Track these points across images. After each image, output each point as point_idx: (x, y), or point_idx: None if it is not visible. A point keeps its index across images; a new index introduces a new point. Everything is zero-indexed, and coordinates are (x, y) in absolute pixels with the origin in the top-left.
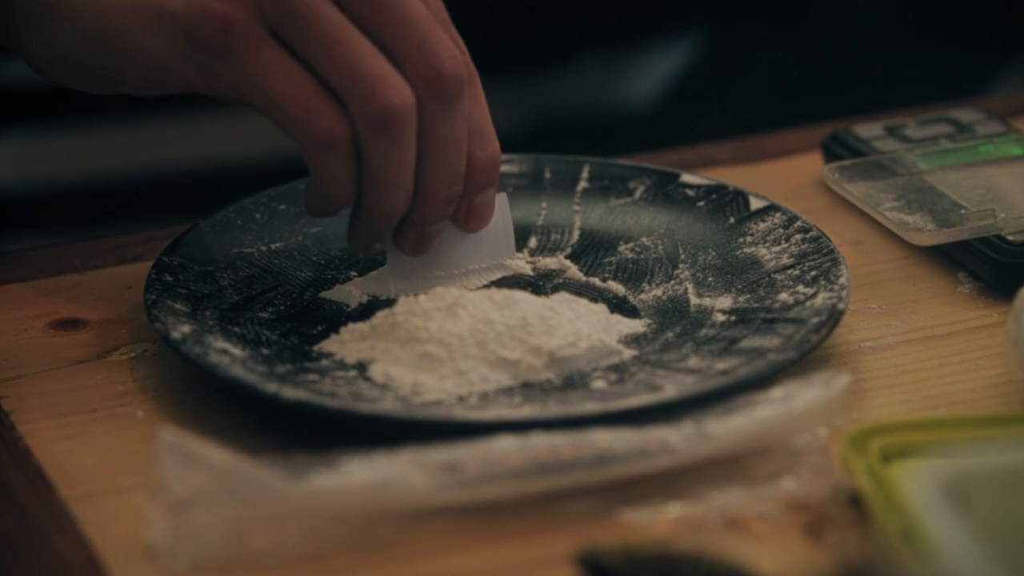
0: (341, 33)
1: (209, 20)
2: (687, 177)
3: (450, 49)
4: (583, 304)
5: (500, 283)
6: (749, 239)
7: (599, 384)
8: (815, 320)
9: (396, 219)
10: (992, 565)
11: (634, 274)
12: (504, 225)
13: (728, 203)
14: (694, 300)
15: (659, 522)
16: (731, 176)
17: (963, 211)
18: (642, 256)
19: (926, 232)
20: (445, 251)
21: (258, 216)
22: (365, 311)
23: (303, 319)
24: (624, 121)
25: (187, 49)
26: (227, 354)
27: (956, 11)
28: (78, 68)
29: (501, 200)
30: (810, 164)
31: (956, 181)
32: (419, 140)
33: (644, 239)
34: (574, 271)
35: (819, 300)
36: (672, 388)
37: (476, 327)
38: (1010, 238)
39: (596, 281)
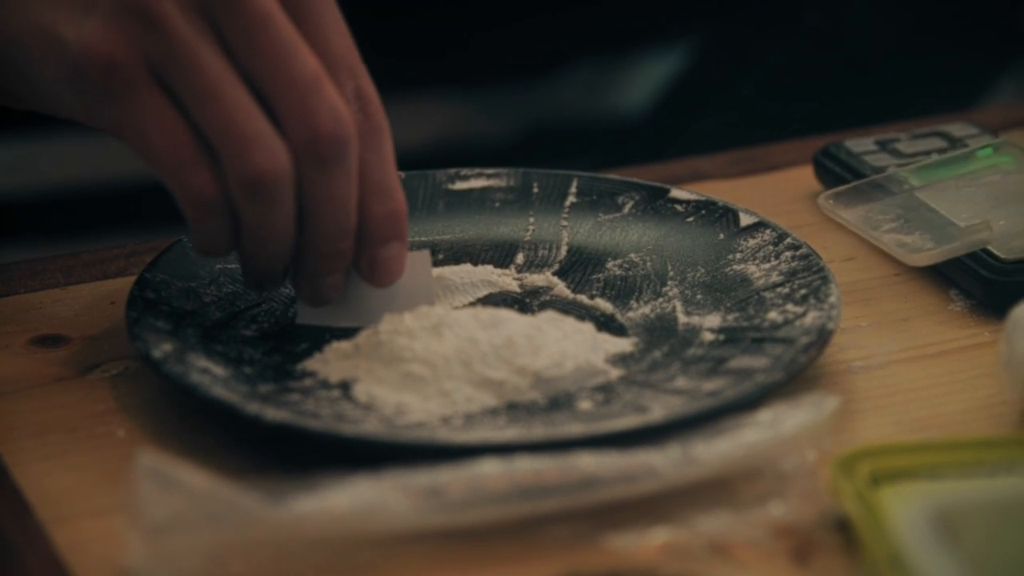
0: (221, 87)
1: (93, 58)
2: (676, 192)
3: (333, 110)
4: (570, 323)
5: (486, 300)
6: (738, 256)
7: (585, 405)
8: (804, 340)
9: (279, 269)
10: None
11: (622, 291)
12: (424, 283)
13: (718, 219)
14: (682, 318)
15: (644, 547)
16: (722, 190)
17: (955, 228)
18: (630, 273)
19: (924, 253)
20: (354, 304)
21: None
22: (349, 329)
23: (286, 337)
24: (615, 129)
25: (73, 82)
26: (209, 373)
27: (950, 20)
28: None
29: (422, 257)
30: (802, 178)
31: (949, 196)
32: (300, 198)
33: (632, 255)
34: (561, 288)
35: (808, 319)
36: (659, 410)
37: (461, 347)
38: (1002, 255)
39: (584, 299)
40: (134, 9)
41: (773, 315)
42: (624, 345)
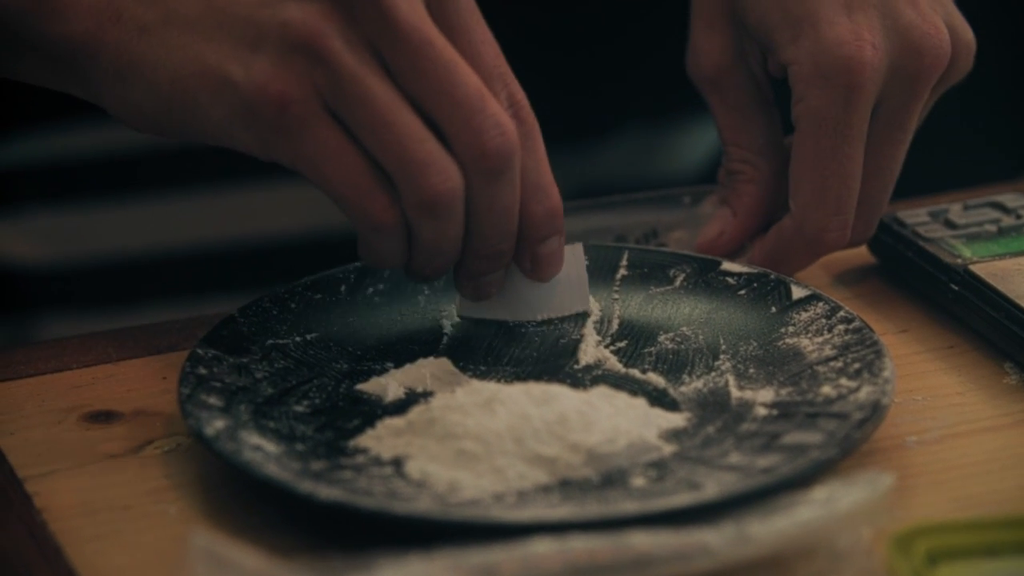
0: (391, 116)
1: (267, 98)
2: (728, 265)
3: (498, 125)
4: (622, 398)
5: (538, 377)
6: (791, 329)
7: (639, 482)
8: (858, 415)
9: (445, 270)
10: None
11: (674, 365)
12: (577, 275)
13: (769, 292)
14: (735, 393)
15: None
16: None
17: None
18: (682, 346)
19: None
20: (512, 298)
21: (293, 306)
22: (402, 405)
23: (338, 413)
24: None
25: (247, 120)
26: (261, 451)
27: (997, 89)
28: (154, 122)
29: (576, 250)
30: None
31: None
32: (467, 207)
33: (684, 329)
34: (613, 362)
35: (863, 394)
36: (713, 487)
37: (513, 423)
38: None
39: (636, 373)
40: (302, 47)
41: (827, 390)
42: (677, 420)
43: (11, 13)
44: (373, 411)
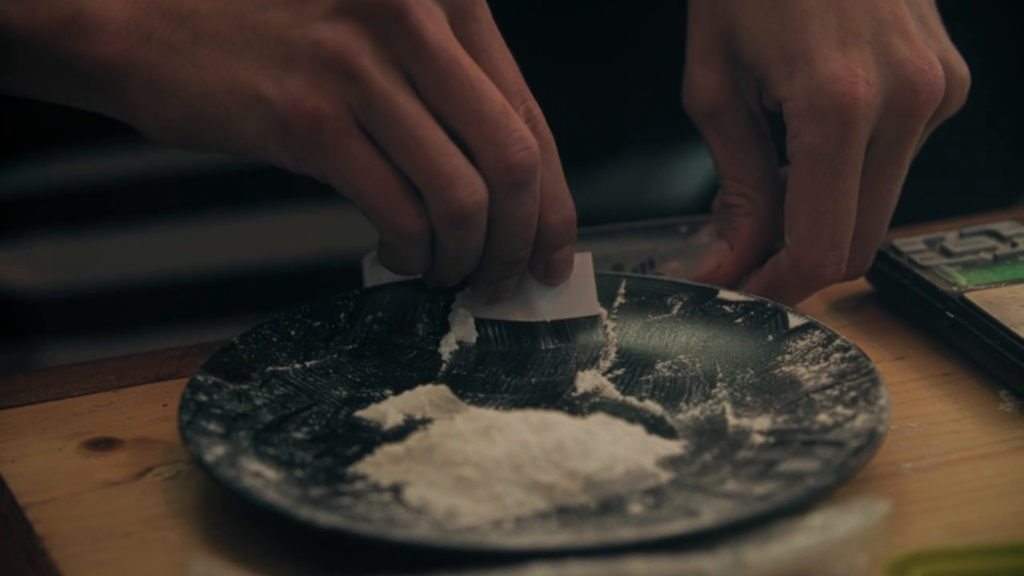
0: (419, 131)
1: (301, 114)
2: (725, 293)
3: (522, 140)
4: (620, 426)
5: (536, 404)
6: (788, 357)
7: (636, 509)
8: (855, 443)
9: (462, 278)
10: None
11: (671, 393)
12: (586, 281)
13: (766, 320)
14: (732, 420)
15: None
16: None
17: None
18: (679, 374)
19: None
20: (524, 299)
21: (293, 333)
22: (400, 432)
23: (338, 440)
24: None
25: (279, 136)
26: (261, 477)
27: (995, 117)
28: (186, 138)
29: (584, 259)
30: None
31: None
32: (490, 217)
33: (681, 356)
34: (611, 390)
35: (859, 422)
36: (710, 514)
37: (512, 450)
38: None
39: (633, 400)
40: (335, 66)
41: (823, 417)
42: (674, 448)
43: (42, 36)
44: (372, 438)
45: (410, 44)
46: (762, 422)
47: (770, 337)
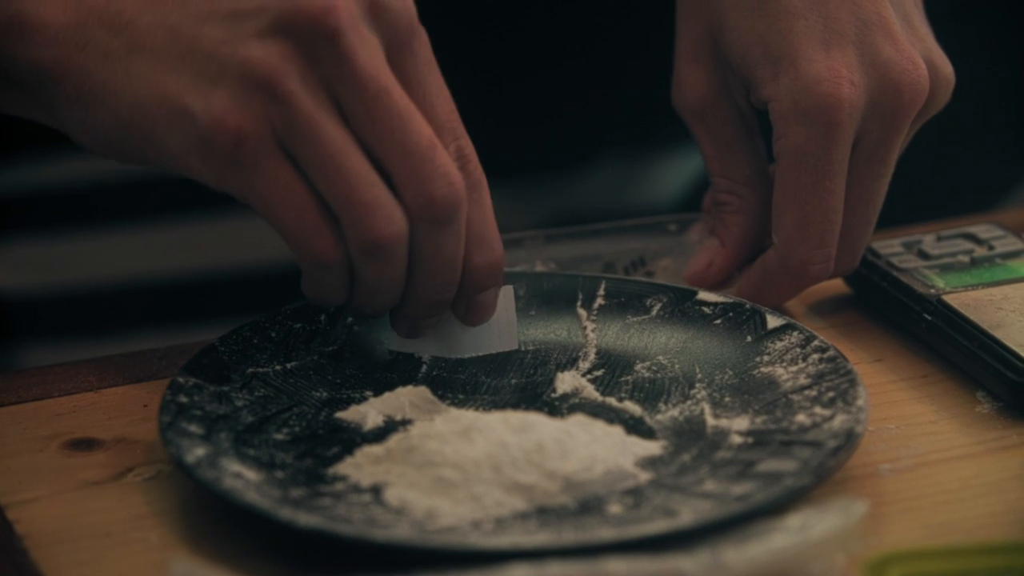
0: (340, 158)
1: (223, 132)
2: (704, 295)
3: (446, 175)
4: (599, 426)
5: (516, 405)
6: (766, 358)
7: (615, 509)
8: (832, 444)
9: (384, 312)
10: None
11: (651, 394)
12: (507, 316)
13: (745, 321)
14: (711, 421)
15: None
16: None
17: None
18: (659, 375)
19: None
20: (442, 336)
21: (273, 334)
22: (380, 433)
23: (318, 441)
24: None
25: (202, 151)
26: (241, 478)
27: (975, 121)
28: (114, 147)
29: (506, 292)
30: None
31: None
32: (411, 254)
33: (661, 357)
34: (590, 391)
35: (837, 423)
36: (688, 514)
37: (491, 451)
38: None
39: (612, 401)
40: (261, 85)
41: (801, 418)
42: (653, 448)
43: None
44: (352, 439)
45: (340, 69)
46: (741, 423)
47: (749, 338)
